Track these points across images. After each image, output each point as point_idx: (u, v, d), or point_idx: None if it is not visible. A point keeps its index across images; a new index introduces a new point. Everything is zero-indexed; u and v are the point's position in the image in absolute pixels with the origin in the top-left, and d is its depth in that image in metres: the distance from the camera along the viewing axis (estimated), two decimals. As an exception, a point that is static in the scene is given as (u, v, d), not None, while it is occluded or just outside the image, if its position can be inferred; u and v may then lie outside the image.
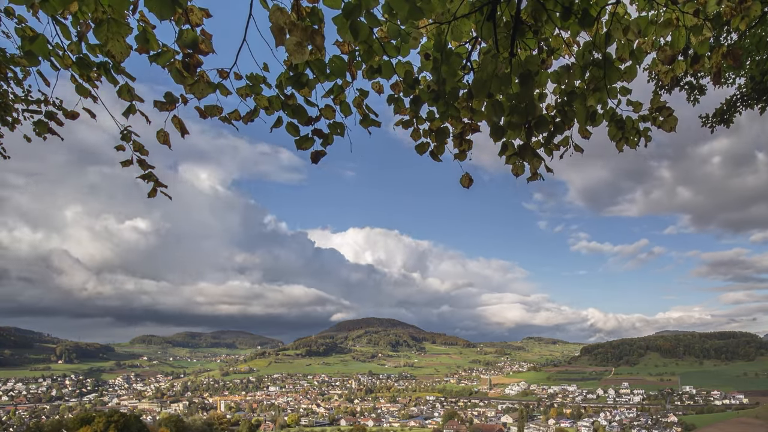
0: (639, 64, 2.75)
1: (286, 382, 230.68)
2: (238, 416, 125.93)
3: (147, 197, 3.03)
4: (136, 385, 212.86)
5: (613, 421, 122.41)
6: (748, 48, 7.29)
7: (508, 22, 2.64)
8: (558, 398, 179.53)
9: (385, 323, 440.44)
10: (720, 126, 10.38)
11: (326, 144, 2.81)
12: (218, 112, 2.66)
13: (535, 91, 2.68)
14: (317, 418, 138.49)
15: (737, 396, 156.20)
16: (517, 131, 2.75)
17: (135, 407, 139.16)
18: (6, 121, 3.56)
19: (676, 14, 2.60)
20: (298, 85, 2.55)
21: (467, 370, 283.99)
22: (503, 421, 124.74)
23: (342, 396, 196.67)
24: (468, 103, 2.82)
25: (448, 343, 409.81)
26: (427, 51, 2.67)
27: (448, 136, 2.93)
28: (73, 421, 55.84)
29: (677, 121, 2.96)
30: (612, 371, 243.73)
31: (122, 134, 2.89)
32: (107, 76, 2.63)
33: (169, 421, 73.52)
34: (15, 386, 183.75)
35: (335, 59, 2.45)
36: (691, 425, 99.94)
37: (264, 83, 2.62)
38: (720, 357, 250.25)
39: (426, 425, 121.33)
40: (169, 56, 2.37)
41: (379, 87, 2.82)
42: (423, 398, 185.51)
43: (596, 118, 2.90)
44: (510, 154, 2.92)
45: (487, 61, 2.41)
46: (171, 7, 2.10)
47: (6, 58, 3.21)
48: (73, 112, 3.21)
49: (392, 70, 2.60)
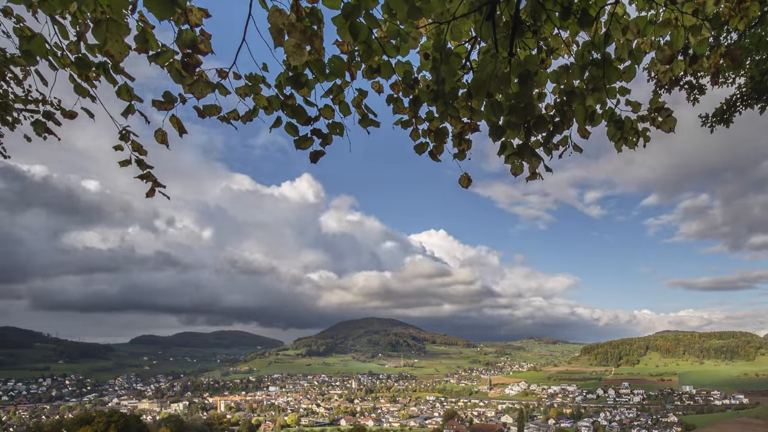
0: (638, 64, 2.75)
1: (286, 382, 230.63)
2: (238, 416, 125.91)
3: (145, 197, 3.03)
4: (136, 385, 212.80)
5: (613, 421, 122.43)
6: (748, 48, 7.29)
7: (507, 21, 2.63)
8: (558, 398, 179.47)
9: (385, 323, 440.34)
10: (720, 126, 10.39)
11: (325, 144, 2.81)
12: (217, 112, 2.65)
13: (534, 90, 2.68)
14: (317, 418, 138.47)
15: (737, 396, 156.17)
16: (516, 131, 2.75)
17: (135, 407, 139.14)
18: (6, 121, 3.56)
19: (675, 14, 2.60)
20: (297, 85, 2.55)
21: (467, 370, 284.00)
22: (503, 421, 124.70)
23: (342, 396, 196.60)
24: (467, 102, 2.82)
25: (448, 343, 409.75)
26: (427, 51, 2.67)
27: (447, 136, 2.93)
28: (73, 421, 55.80)
29: (676, 122, 2.96)
30: (612, 371, 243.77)
31: (121, 134, 2.89)
32: (106, 76, 2.63)
33: (169, 421, 73.46)
34: (15, 386, 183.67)
35: (334, 59, 2.44)
36: (691, 425, 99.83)
37: (263, 83, 2.61)
38: (720, 357, 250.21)
39: (426, 425, 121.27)
40: (169, 56, 2.36)
41: (378, 87, 2.82)
42: (423, 398, 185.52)
43: (595, 117, 2.90)
44: (509, 153, 2.92)
45: (487, 61, 2.41)
46: (170, 8, 2.10)
47: (5, 58, 3.21)
48: (71, 111, 3.21)
49: (391, 70, 2.59)
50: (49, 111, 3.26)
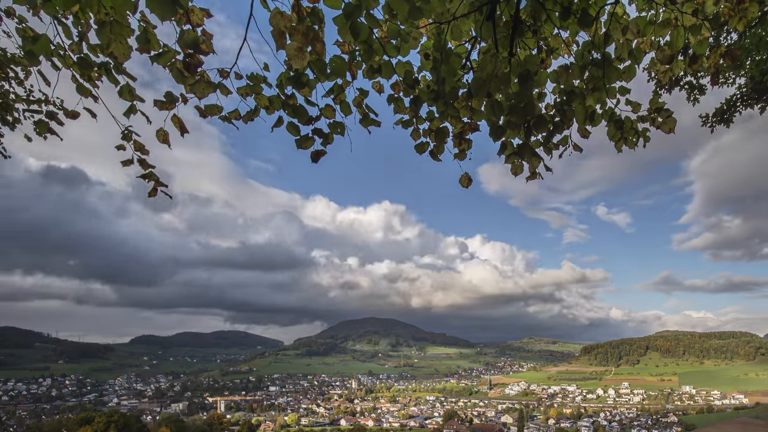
0: (638, 64, 2.76)
1: (286, 382, 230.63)
2: (238, 416, 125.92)
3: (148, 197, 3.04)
4: (136, 385, 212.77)
5: (613, 421, 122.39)
6: (748, 48, 7.30)
7: (507, 21, 2.64)
8: (558, 398, 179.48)
9: (385, 323, 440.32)
10: (720, 125, 10.40)
11: (326, 143, 2.82)
12: (218, 112, 2.66)
13: (534, 90, 2.69)
14: (317, 418, 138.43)
15: (737, 396, 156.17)
16: (516, 131, 2.76)
17: (135, 407, 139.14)
18: (6, 121, 3.57)
19: (674, 14, 2.61)
20: (298, 85, 2.56)
21: (467, 370, 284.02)
22: (503, 421, 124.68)
23: (342, 396, 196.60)
24: (467, 102, 2.83)
25: (448, 343, 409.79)
26: (427, 51, 2.68)
27: (447, 136, 2.94)
28: (73, 421, 55.81)
29: (676, 123, 2.97)
30: (612, 371, 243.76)
31: (123, 134, 2.90)
32: (108, 76, 2.64)
33: (169, 421, 73.46)
34: (15, 386, 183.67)
35: (335, 59, 2.45)
36: (691, 425, 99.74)
37: (264, 83, 2.62)
38: (720, 357, 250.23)
39: (426, 425, 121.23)
40: (170, 56, 2.37)
41: (379, 87, 2.83)
42: (423, 398, 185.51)
43: (595, 117, 2.91)
44: (509, 153, 2.93)
45: (487, 61, 2.42)
46: (172, 8, 2.11)
47: (7, 58, 3.22)
48: (73, 111, 3.22)
49: (392, 70, 2.60)
50: (51, 111, 3.27)
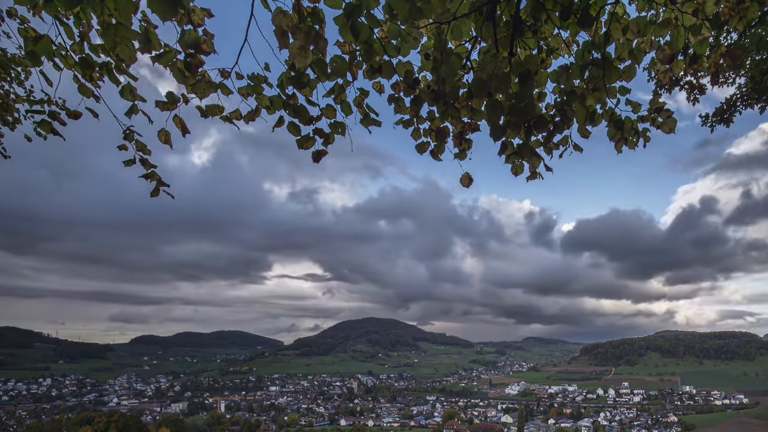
0: (638, 64, 2.76)
1: (286, 382, 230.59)
2: (238, 416, 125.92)
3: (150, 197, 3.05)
4: (136, 385, 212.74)
5: (613, 421, 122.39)
6: (748, 48, 7.30)
7: (507, 21, 2.65)
8: (558, 398, 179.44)
9: (385, 323, 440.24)
10: (720, 125, 10.40)
11: (327, 143, 2.83)
12: (219, 112, 2.67)
13: (534, 90, 2.70)
14: (317, 418, 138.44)
15: (737, 396, 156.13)
16: (516, 130, 2.77)
17: (135, 407, 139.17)
18: (6, 121, 3.58)
19: (675, 14, 2.61)
20: (299, 85, 2.57)
21: (467, 370, 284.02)
22: (503, 421, 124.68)
23: (342, 396, 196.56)
24: (468, 102, 2.84)
25: (448, 343, 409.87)
26: (427, 51, 2.69)
27: (448, 136, 2.95)
28: (73, 421, 55.83)
29: (676, 123, 2.98)
30: (612, 371, 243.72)
31: (125, 134, 2.91)
32: (110, 76, 2.65)
33: (170, 421, 73.50)
34: (15, 386, 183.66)
35: (336, 59, 2.46)
36: (691, 425, 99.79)
37: (265, 83, 2.63)
38: (720, 357, 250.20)
39: (426, 425, 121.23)
40: (171, 56, 2.38)
41: (379, 86, 2.84)
42: (423, 398, 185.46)
43: (595, 117, 2.92)
44: (509, 153, 2.94)
45: (487, 61, 2.42)
46: (173, 8, 2.12)
47: (7, 58, 3.22)
48: (75, 111, 3.23)
49: (393, 70, 2.61)
50: (54, 111, 3.28)
